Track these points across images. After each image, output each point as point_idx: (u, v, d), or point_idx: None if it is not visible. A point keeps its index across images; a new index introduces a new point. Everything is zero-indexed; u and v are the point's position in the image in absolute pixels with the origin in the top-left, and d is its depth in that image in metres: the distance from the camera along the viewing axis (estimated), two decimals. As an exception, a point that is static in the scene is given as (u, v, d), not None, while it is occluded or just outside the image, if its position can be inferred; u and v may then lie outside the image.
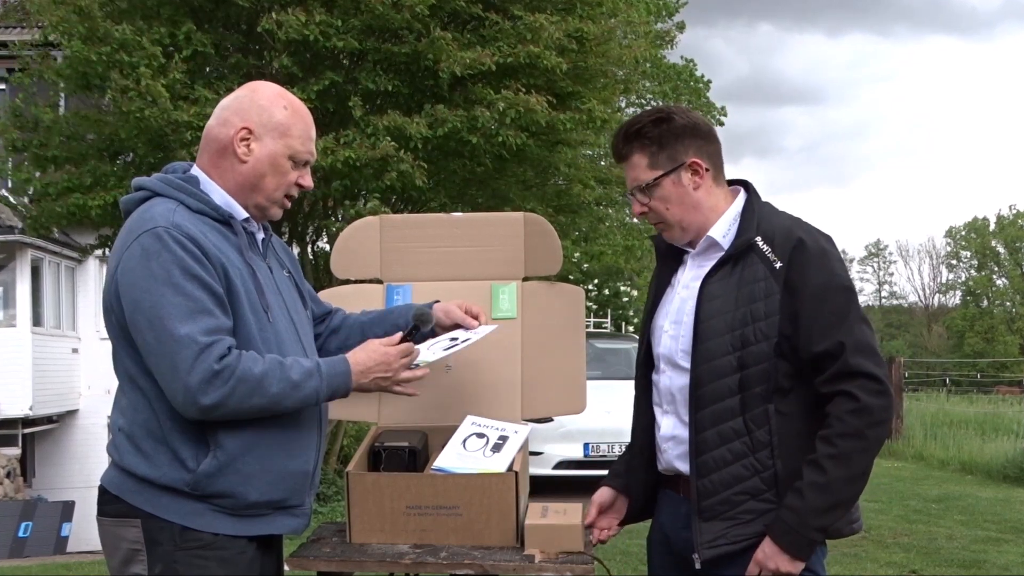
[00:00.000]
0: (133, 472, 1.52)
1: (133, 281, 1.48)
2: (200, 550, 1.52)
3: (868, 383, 1.55)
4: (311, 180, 1.68)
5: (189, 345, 1.45)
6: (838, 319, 1.56)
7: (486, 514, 1.75)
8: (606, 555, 2.04)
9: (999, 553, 5.23)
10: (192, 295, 1.47)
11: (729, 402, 1.60)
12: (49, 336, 12.75)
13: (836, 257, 1.62)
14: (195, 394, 1.45)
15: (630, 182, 1.71)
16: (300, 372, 1.54)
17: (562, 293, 2.08)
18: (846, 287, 1.60)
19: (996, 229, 47.64)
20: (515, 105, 6.91)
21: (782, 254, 1.60)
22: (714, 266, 1.65)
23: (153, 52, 6.67)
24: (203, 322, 1.47)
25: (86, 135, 7.69)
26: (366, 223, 2.15)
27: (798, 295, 1.57)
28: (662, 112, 1.70)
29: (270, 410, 1.52)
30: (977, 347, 40.75)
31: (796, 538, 1.55)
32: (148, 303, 1.47)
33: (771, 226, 1.64)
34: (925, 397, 15.95)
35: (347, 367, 1.60)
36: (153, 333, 1.47)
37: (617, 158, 1.74)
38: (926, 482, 8.49)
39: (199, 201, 1.57)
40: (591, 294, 18.65)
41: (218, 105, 1.66)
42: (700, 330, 1.62)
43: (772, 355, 1.58)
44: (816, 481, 1.54)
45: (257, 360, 1.50)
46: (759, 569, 1.58)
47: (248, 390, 1.48)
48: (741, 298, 1.60)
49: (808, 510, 1.54)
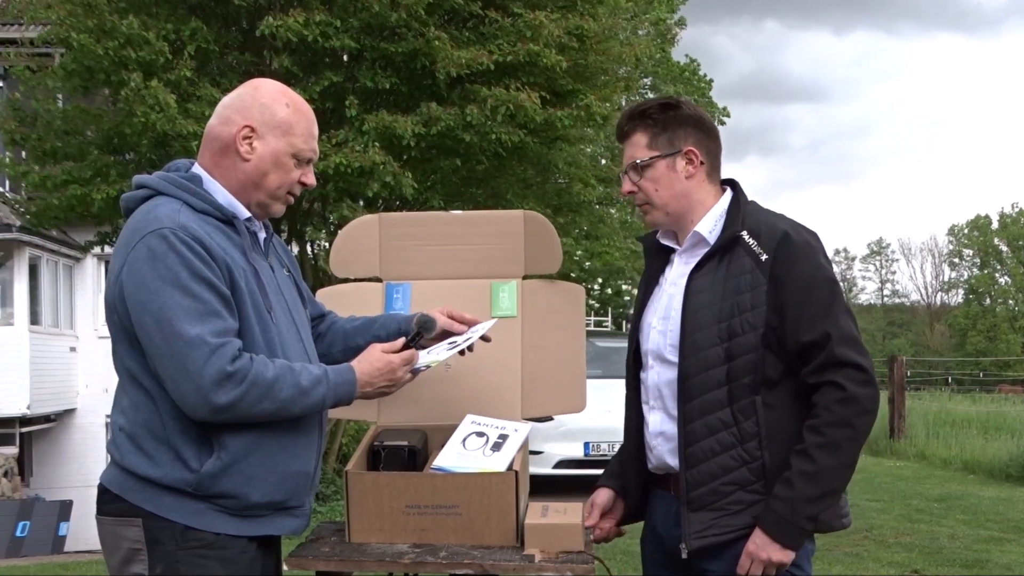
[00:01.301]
0: (134, 471, 1.52)
1: (140, 283, 1.48)
2: (202, 550, 1.51)
3: (854, 373, 1.56)
4: (314, 178, 1.67)
5: (200, 346, 1.44)
6: (824, 311, 1.58)
7: (486, 513, 1.74)
8: (607, 555, 2.03)
9: (1002, 553, 5.22)
10: (200, 297, 1.47)
11: (717, 393, 1.62)
12: (47, 335, 12.71)
13: (821, 251, 1.65)
14: (207, 394, 1.45)
15: (626, 160, 1.74)
16: (309, 379, 1.54)
17: (562, 291, 2.07)
18: (831, 279, 1.62)
19: (999, 227, 47.56)
20: (505, 102, 6.88)
21: (768, 247, 1.62)
22: (700, 261, 1.68)
23: (160, 48, 6.66)
24: (212, 324, 1.46)
25: (85, 131, 7.67)
26: (365, 221, 2.14)
27: (784, 287, 1.59)
28: (671, 99, 1.75)
29: (277, 415, 1.52)
30: (980, 346, 40.69)
31: (787, 528, 1.57)
32: (156, 305, 1.46)
33: (756, 221, 1.66)
34: (927, 396, 15.91)
35: (353, 376, 1.61)
36: (162, 335, 1.46)
37: (619, 137, 1.77)
38: (928, 481, 8.47)
39: (203, 201, 1.57)
40: (592, 293, 18.66)
41: (219, 103, 1.65)
42: (687, 323, 1.64)
43: (759, 346, 1.60)
44: (805, 470, 1.55)
45: (268, 365, 1.50)
46: (751, 560, 1.59)
47: (260, 394, 1.48)
48: (728, 290, 1.62)
49: (798, 499, 1.55)
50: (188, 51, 6.88)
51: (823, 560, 4.85)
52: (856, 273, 53.13)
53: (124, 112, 6.83)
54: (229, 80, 7.02)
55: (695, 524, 1.63)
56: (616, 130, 1.80)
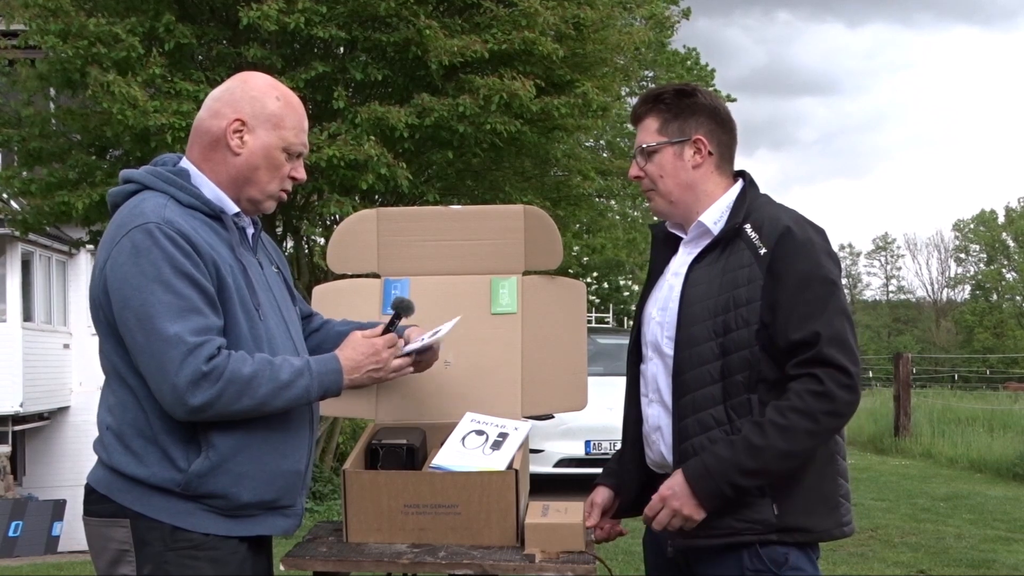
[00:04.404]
0: (122, 471, 1.50)
1: (122, 278, 1.46)
2: (191, 550, 1.50)
3: (837, 374, 1.52)
4: (304, 172, 1.65)
5: (177, 345, 1.43)
6: (817, 309, 1.54)
7: (486, 513, 1.72)
8: (608, 555, 2.01)
9: (1009, 553, 5.18)
10: (182, 293, 1.45)
11: (711, 389, 1.58)
12: (40, 331, 12.58)
13: (824, 249, 1.60)
14: (183, 394, 1.43)
15: (636, 144, 1.72)
16: (289, 372, 1.51)
17: (563, 287, 2.05)
18: (829, 279, 1.57)
19: (1005, 222, 47.36)
20: (499, 91, 6.80)
21: (768, 241, 1.58)
22: (701, 252, 1.65)
23: (131, 43, 6.60)
24: (193, 321, 1.45)
25: (71, 132, 7.59)
26: (363, 216, 2.12)
27: (780, 282, 1.56)
28: (688, 87, 1.72)
29: (259, 411, 1.50)
30: (987, 342, 40.50)
31: (709, 484, 1.53)
32: (137, 301, 1.44)
33: (761, 215, 1.63)
34: (933, 393, 15.84)
35: (338, 364, 1.58)
36: (142, 332, 1.44)
37: (633, 120, 1.76)
38: (934, 480, 8.43)
39: (190, 195, 1.54)
40: (591, 288, 18.65)
41: (208, 96, 1.62)
42: (683, 315, 1.62)
43: (753, 342, 1.56)
44: (752, 442, 1.52)
45: (246, 360, 1.48)
46: (663, 505, 1.57)
47: (237, 391, 1.46)
48: (725, 284, 1.59)
49: (732, 464, 1.52)
50: (165, 46, 6.80)
51: (828, 560, 4.83)
52: (861, 269, 53.07)
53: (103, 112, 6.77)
54: (215, 74, 6.95)
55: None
56: (631, 115, 1.78)
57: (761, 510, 1.56)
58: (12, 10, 7.20)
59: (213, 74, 6.97)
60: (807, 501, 1.57)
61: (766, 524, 1.56)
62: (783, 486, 1.56)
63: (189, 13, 7.28)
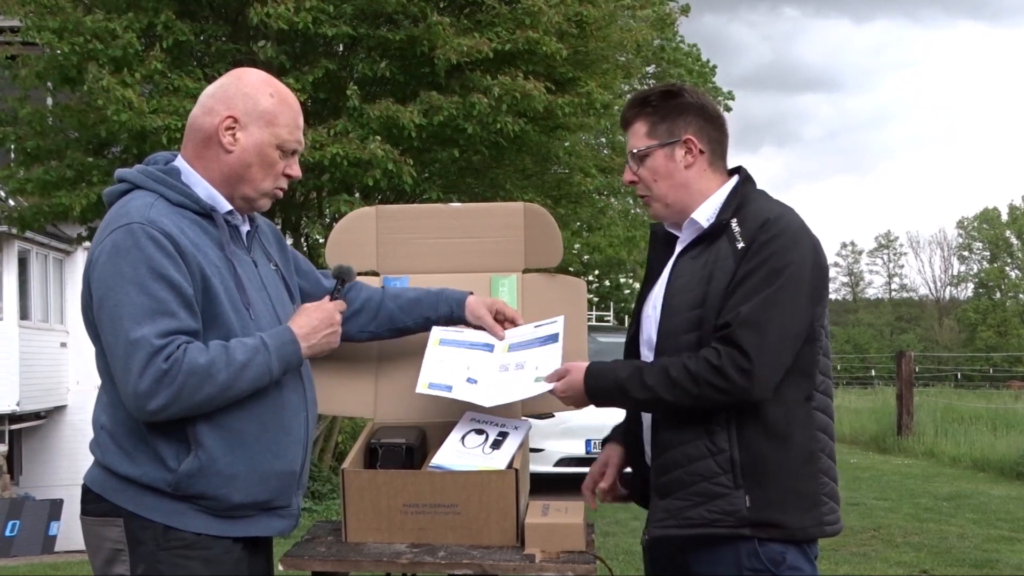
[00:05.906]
0: (115, 471, 1.50)
1: (100, 278, 1.46)
2: (183, 550, 1.49)
3: (737, 355, 1.51)
4: (299, 169, 1.63)
5: (143, 347, 1.42)
6: (752, 294, 1.53)
7: (485, 513, 1.71)
8: (609, 555, 2.00)
9: (1012, 552, 5.16)
10: (156, 296, 1.43)
11: None
12: (36, 330, 12.49)
13: (802, 244, 1.57)
14: (142, 399, 1.42)
15: (628, 149, 1.72)
16: (245, 352, 1.49)
17: (563, 285, 2.04)
18: (777, 269, 1.53)
19: (1008, 219, 47.22)
20: (512, 91, 6.80)
21: (747, 234, 1.58)
22: (687, 245, 1.65)
23: (129, 40, 6.58)
24: (162, 324, 1.43)
25: (68, 129, 7.57)
26: (362, 214, 2.11)
27: (741, 270, 1.55)
28: (674, 87, 1.71)
29: (224, 396, 1.48)
30: (990, 341, 40.37)
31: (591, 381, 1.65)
32: (112, 302, 1.44)
33: (750, 209, 1.62)
34: (936, 392, 15.81)
35: (292, 335, 1.56)
36: (112, 333, 1.44)
37: (622, 124, 1.75)
38: (937, 479, 8.40)
39: (179, 194, 1.53)
40: (591, 286, 18.63)
41: (202, 93, 1.61)
42: (666, 307, 1.62)
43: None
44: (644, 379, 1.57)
45: (202, 350, 1.46)
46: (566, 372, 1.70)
47: (197, 381, 1.44)
48: (703, 277, 1.59)
49: (616, 378, 1.61)
50: (164, 43, 6.79)
51: (830, 560, 4.81)
52: (863, 267, 52.98)
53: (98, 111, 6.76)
54: (217, 70, 6.96)
55: (659, 512, 1.61)
56: (620, 118, 1.77)
57: (734, 501, 1.55)
58: (9, 6, 7.19)
59: (213, 71, 6.95)
60: (781, 497, 1.56)
61: (738, 516, 1.54)
62: (756, 479, 1.55)
63: (189, 10, 7.27)
